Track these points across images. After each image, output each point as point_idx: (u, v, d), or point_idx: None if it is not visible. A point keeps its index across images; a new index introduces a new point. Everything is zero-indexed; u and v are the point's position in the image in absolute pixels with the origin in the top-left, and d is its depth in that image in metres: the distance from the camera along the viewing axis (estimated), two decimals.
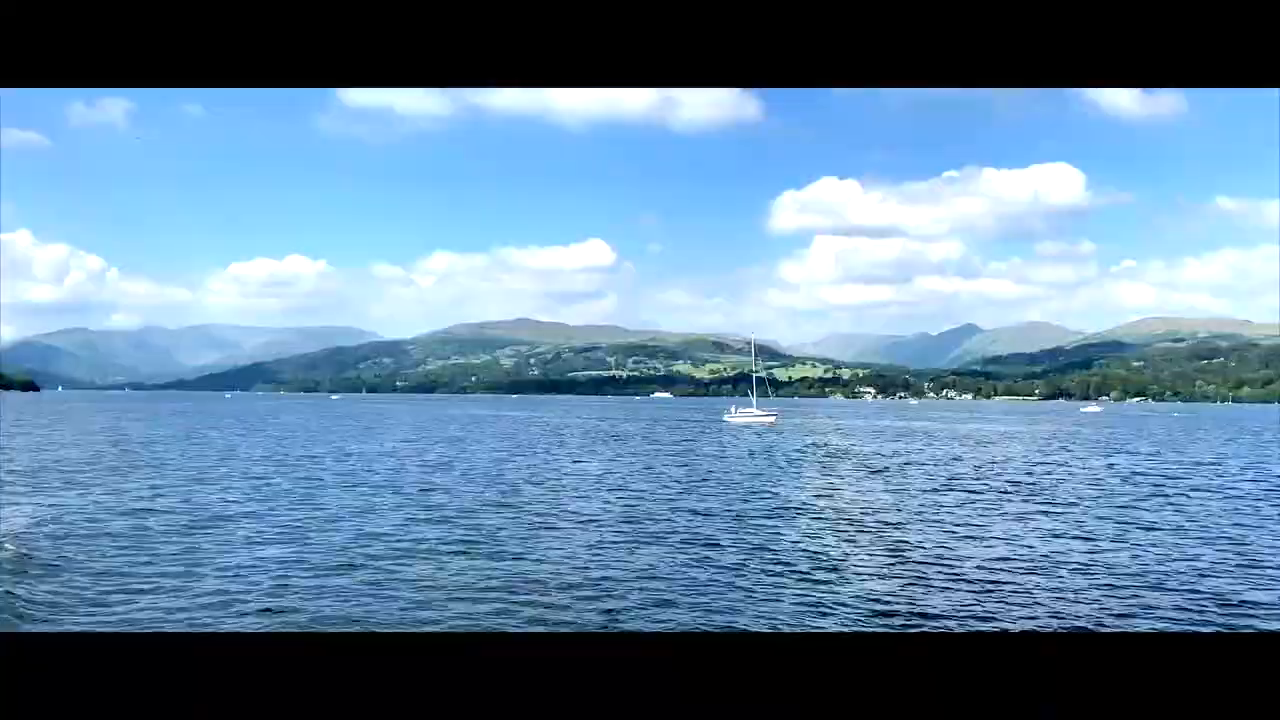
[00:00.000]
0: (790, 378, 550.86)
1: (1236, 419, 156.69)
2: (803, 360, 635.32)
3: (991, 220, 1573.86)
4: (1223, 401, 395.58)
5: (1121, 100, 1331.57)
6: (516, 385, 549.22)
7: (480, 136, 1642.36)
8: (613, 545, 20.65)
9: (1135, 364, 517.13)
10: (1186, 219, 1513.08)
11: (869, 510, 27.75)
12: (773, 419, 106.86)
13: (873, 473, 41.32)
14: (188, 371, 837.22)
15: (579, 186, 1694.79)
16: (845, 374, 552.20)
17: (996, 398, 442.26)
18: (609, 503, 28.74)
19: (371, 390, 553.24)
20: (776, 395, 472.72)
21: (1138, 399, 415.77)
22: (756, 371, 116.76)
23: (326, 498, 28.82)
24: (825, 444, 65.17)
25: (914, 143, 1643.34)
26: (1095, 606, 15.19)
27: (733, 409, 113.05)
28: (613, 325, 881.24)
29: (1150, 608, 15.11)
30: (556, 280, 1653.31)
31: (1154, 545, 21.60)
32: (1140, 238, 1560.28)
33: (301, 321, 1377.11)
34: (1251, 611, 14.74)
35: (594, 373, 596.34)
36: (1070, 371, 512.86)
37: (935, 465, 46.01)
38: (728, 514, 26.36)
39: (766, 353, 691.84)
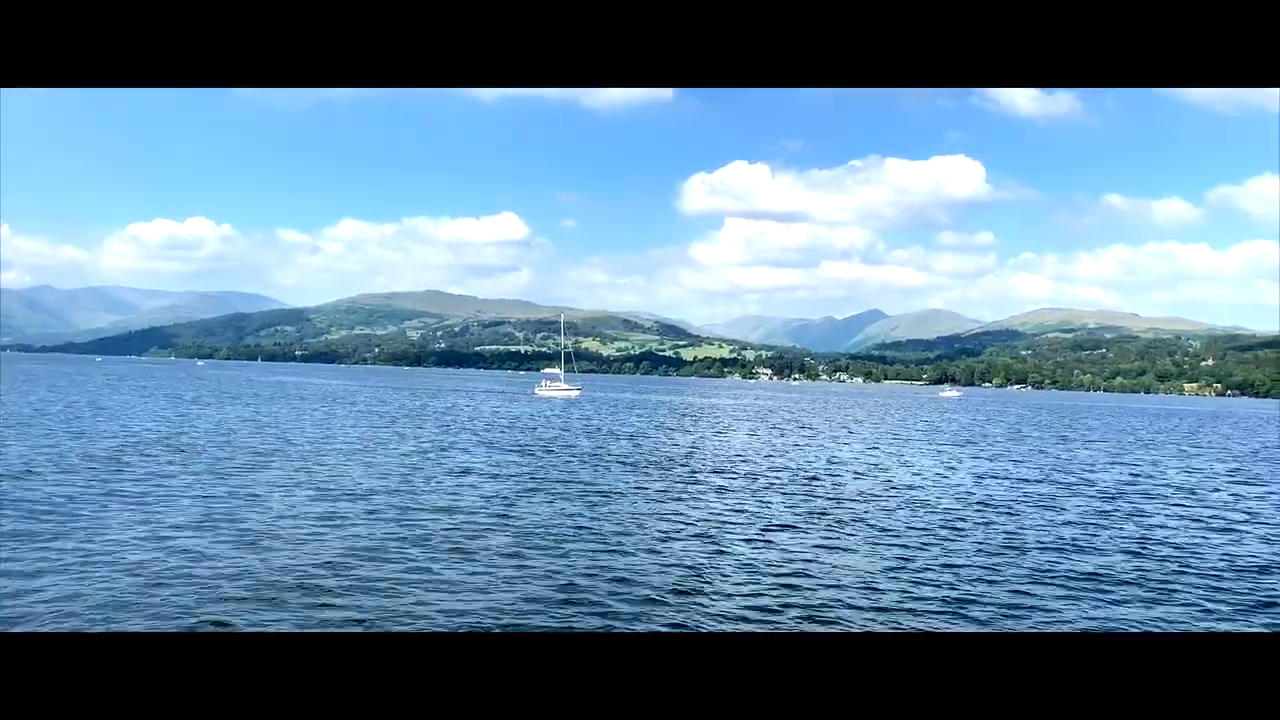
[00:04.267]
0: (695, 357, 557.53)
1: (1059, 407, 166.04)
2: (710, 341, 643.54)
3: (894, 209, 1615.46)
4: (1095, 390, 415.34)
5: (1019, 98, 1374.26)
6: (420, 357, 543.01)
7: (392, 104, 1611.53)
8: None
9: (1024, 353, 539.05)
10: (1080, 215, 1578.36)
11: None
12: (576, 392, 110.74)
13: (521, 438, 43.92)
14: (80, 334, 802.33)
15: (492, 159, 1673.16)
16: (749, 355, 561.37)
17: (886, 381, 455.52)
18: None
19: (269, 358, 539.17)
20: (678, 374, 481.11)
21: (1019, 386, 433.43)
22: (565, 348, 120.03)
23: None
24: (552, 414, 68.16)
25: (821, 131, 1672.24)
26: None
27: (544, 383, 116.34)
28: (524, 300, 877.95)
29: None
30: (467, 253, 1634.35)
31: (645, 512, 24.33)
32: (1037, 231, 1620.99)
33: (203, 286, 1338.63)
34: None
35: (500, 347, 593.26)
36: (960, 359, 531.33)
37: (615, 434, 49.05)
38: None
39: (676, 332, 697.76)
